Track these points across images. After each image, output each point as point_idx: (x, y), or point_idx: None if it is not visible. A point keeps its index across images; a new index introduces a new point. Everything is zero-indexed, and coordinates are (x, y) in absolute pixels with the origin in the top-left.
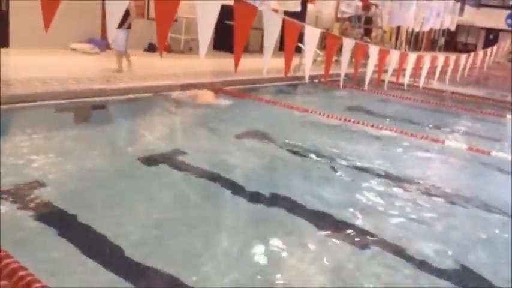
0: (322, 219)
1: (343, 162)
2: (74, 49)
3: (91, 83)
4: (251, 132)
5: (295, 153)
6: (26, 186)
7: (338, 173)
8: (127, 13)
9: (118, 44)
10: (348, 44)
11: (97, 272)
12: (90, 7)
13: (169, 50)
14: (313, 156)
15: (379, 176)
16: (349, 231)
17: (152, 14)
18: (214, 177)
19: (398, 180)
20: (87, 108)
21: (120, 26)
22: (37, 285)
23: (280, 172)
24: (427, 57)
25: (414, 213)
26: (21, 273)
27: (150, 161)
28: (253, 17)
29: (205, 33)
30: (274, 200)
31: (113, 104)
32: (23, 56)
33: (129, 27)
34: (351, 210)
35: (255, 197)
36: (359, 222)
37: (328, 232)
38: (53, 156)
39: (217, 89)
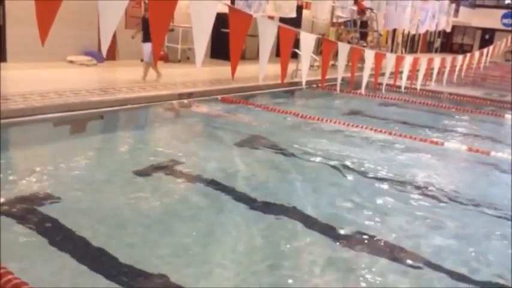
0: (318, 222)
1: (343, 166)
2: (71, 61)
3: (90, 95)
4: (249, 138)
5: (294, 158)
6: (26, 200)
7: (338, 177)
8: (146, 25)
9: (145, 55)
10: (344, 48)
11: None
12: (87, 19)
13: (166, 59)
14: (313, 161)
15: (379, 179)
16: (348, 233)
17: None
18: (213, 184)
19: (397, 182)
20: (86, 120)
21: (145, 40)
22: None
23: (280, 177)
24: (423, 59)
25: (414, 215)
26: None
27: (151, 171)
28: (248, 25)
29: (201, 42)
30: (274, 205)
31: (112, 115)
32: (21, 70)
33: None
34: (350, 213)
35: (255, 202)
36: (359, 224)
37: (328, 235)
38: (53, 169)
39: (215, 97)
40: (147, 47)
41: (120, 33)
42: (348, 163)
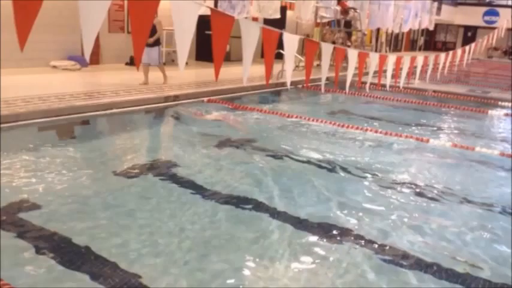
0: (310, 223)
1: (329, 165)
2: (54, 66)
3: (74, 100)
4: (236, 139)
5: (280, 158)
6: (11, 207)
7: (324, 175)
8: (154, 29)
9: (152, 59)
10: (327, 48)
11: None
12: (69, 24)
13: None
14: (299, 160)
15: (365, 176)
16: (339, 232)
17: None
18: (197, 187)
19: (384, 180)
20: (71, 126)
21: (148, 44)
22: None
23: (265, 177)
24: (406, 58)
25: (402, 212)
26: None
27: (137, 174)
28: (230, 27)
29: (184, 45)
30: (263, 205)
31: (97, 119)
32: (4, 75)
33: (158, 43)
34: (340, 212)
35: (242, 203)
36: (349, 223)
37: (316, 233)
38: (39, 175)
39: (201, 99)
40: (154, 51)
41: (104, 38)
42: (334, 161)
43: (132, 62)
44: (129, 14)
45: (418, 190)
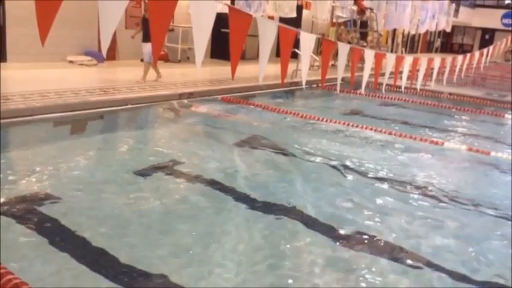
0: (318, 222)
1: (343, 166)
2: (71, 61)
3: (90, 95)
4: (249, 138)
5: (294, 158)
6: (26, 200)
7: (338, 177)
8: (147, 24)
9: (145, 56)
10: (344, 48)
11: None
12: (86, 19)
13: (166, 59)
14: (313, 160)
15: (379, 178)
16: (348, 233)
17: None
18: (213, 184)
19: (397, 182)
20: (86, 121)
21: (145, 39)
22: None
23: (280, 177)
24: (423, 60)
25: (414, 215)
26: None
27: (151, 171)
28: (248, 25)
29: (201, 42)
30: (274, 205)
31: (112, 115)
32: (21, 70)
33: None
34: (350, 213)
35: (255, 202)
36: (359, 224)
37: (329, 235)
38: (53, 169)
39: (216, 97)
40: (147, 47)
41: (120, 33)
42: (348, 163)
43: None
44: (148, 11)
45: (429, 192)
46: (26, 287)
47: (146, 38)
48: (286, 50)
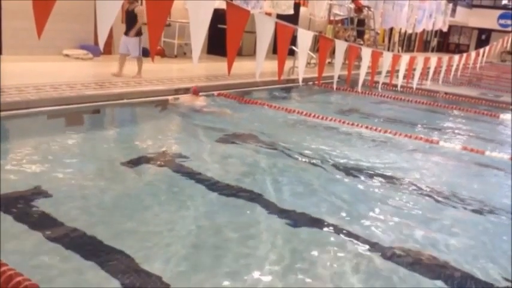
0: (316, 220)
1: (338, 164)
2: (67, 55)
3: (85, 89)
4: (245, 135)
5: (290, 155)
6: (20, 194)
7: (333, 174)
8: (134, 20)
9: (130, 50)
10: (341, 46)
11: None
12: (83, 12)
13: (162, 54)
14: (308, 157)
15: (374, 176)
16: (343, 233)
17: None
18: (206, 180)
19: (392, 180)
20: (81, 114)
21: (127, 33)
22: None
23: (275, 174)
24: (419, 59)
25: (408, 213)
26: (18, 278)
27: (145, 165)
28: (245, 21)
29: (198, 37)
30: (268, 201)
31: (107, 109)
32: (16, 62)
33: (139, 33)
34: (345, 212)
35: (249, 198)
36: (353, 222)
37: (324, 234)
38: (48, 163)
39: (212, 92)
40: (134, 41)
41: (117, 28)
42: (343, 161)
43: (143, 53)
44: (147, 8)
45: (424, 191)
46: (20, 277)
47: (128, 31)
48: (283, 46)
